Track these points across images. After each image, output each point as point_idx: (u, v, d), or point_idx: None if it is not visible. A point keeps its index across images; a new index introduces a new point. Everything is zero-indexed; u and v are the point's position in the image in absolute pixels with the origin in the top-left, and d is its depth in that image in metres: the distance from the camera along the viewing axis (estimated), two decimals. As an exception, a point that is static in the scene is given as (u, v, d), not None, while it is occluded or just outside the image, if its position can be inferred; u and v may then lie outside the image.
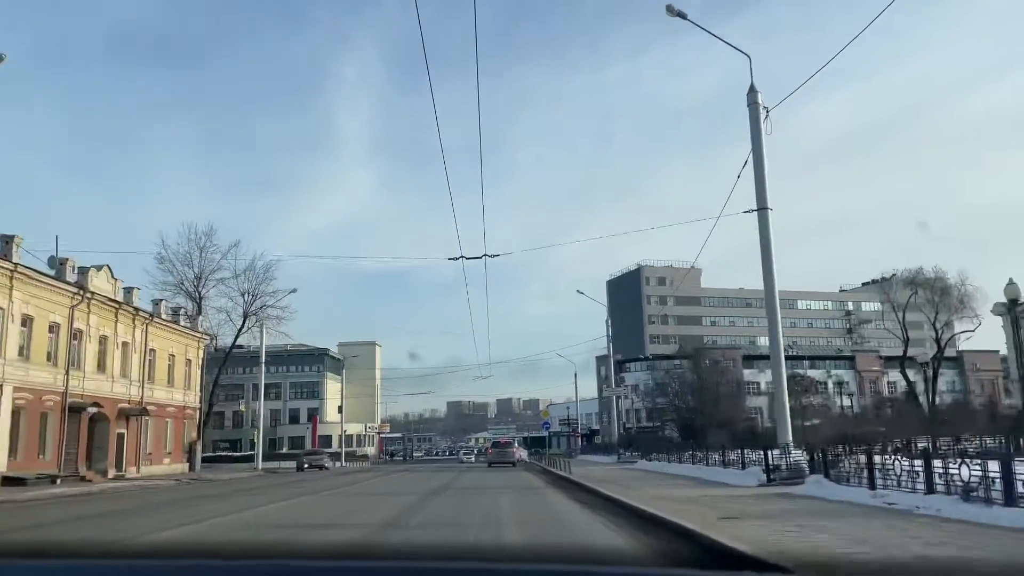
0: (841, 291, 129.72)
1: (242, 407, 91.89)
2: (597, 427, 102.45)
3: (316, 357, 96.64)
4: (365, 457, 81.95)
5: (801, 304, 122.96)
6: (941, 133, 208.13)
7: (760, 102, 22.26)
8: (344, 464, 69.32)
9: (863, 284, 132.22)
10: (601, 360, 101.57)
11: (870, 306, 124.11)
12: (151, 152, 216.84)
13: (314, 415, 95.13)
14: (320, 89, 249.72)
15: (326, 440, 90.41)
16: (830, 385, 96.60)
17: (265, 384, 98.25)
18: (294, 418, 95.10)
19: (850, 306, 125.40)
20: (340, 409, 78.23)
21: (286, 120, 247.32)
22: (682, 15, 22.08)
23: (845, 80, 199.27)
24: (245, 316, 63.34)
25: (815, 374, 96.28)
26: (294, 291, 63.78)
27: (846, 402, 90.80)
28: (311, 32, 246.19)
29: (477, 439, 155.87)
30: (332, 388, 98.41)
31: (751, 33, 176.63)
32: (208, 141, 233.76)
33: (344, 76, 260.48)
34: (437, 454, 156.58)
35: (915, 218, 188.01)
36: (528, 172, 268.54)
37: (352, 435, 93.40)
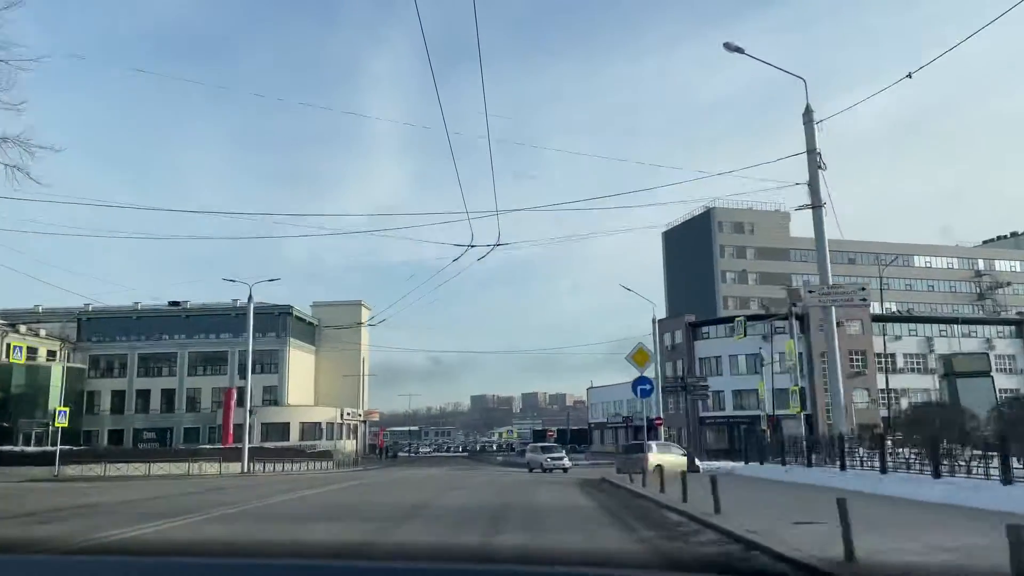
0: (975, 246, 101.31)
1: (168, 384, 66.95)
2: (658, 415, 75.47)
3: (275, 319, 70.98)
4: (327, 455, 56.04)
5: (919, 261, 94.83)
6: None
7: (814, 119, 22.19)
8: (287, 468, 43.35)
9: (996, 238, 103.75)
10: (665, 325, 74.79)
11: (1007, 265, 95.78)
12: (184, 146, 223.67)
13: (271, 394, 69.60)
14: (352, 84, 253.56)
15: (281, 430, 64.76)
16: (994, 361, 68.62)
17: (196, 353, 73.30)
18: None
19: (980, 264, 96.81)
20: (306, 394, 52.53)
21: (317, 115, 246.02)
22: (739, 50, 22.49)
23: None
24: None
25: (942, 344, 68.38)
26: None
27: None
28: (344, 27, 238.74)
29: (500, 433, 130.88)
30: (297, 360, 72.68)
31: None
32: (241, 135, 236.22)
33: (375, 70, 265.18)
34: (448, 449, 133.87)
35: None
36: (559, 165, 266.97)
37: (320, 423, 67.62)
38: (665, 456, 30.07)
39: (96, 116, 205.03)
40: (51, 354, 66.79)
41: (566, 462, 39.39)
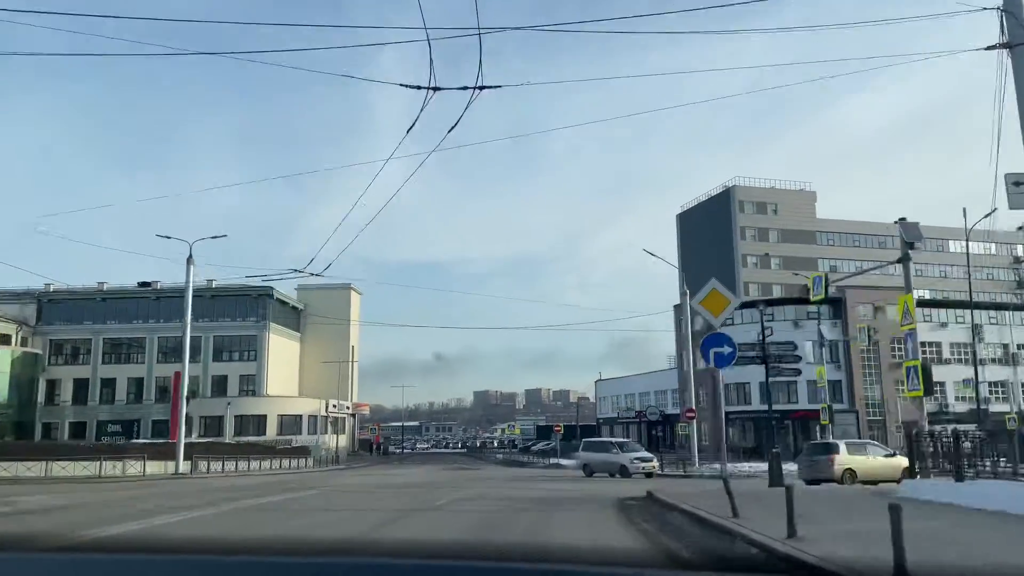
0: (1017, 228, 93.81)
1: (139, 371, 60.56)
2: (674, 410, 68.96)
3: (254, 301, 64.50)
4: (303, 451, 49.52)
5: (954, 246, 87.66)
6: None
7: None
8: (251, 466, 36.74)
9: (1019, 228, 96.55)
10: (685, 310, 68.04)
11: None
12: (191, 142, 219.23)
13: (248, 384, 63.16)
14: (358, 81, 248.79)
15: (257, 423, 58.32)
16: (1048, 350, 61.85)
17: (167, 338, 66.80)
18: (220, 388, 63.18)
19: (1020, 251, 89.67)
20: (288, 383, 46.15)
21: (323, 109, 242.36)
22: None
23: None
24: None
25: (992, 332, 61.52)
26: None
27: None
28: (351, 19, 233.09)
29: (502, 429, 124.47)
30: (279, 348, 66.19)
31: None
32: (247, 131, 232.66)
33: (381, 63, 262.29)
34: (447, 445, 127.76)
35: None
36: (567, 160, 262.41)
37: (301, 416, 61.13)
38: (859, 459, 22.95)
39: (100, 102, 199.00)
40: (4, 338, 60.38)
41: (655, 463, 30.26)
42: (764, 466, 31.99)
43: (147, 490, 20.67)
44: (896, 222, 18.10)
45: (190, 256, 31.37)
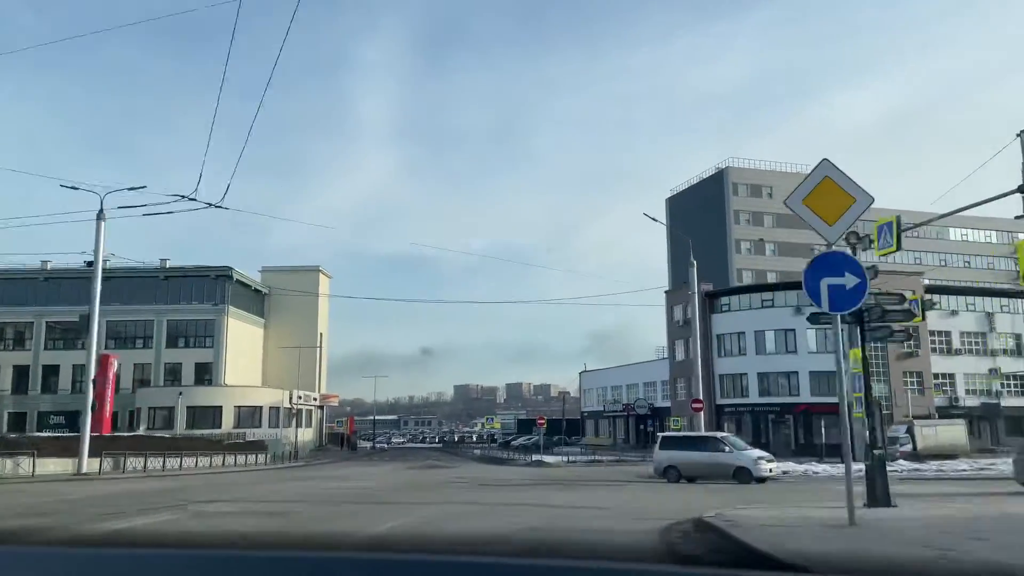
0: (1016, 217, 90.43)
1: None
2: (664, 403, 64.69)
3: (212, 283, 59.35)
4: (259, 446, 44.64)
5: (955, 234, 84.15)
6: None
7: None
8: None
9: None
10: (674, 297, 63.77)
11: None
12: (175, 130, 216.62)
13: (205, 372, 58.09)
14: (343, 72, 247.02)
15: (212, 415, 53.33)
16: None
17: (116, 322, 61.52)
18: (174, 376, 58.09)
19: (1022, 238, 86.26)
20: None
21: (308, 102, 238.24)
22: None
23: None
24: None
25: (1004, 321, 57.61)
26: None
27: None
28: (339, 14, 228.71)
29: (481, 423, 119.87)
30: (239, 334, 61.11)
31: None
32: (230, 121, 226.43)
33: (368, 59, 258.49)
34: (424, 440, 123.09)
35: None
36: (551, 156, 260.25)
37: (261, 407, 56.15)
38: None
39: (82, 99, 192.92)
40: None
41: (775, 465, 24.54)
42: (790, 465, 27.77)
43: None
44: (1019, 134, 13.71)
45: (100, 211, 26.32)
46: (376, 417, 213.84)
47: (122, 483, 21.99)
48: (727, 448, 23.87)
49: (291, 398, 58.39)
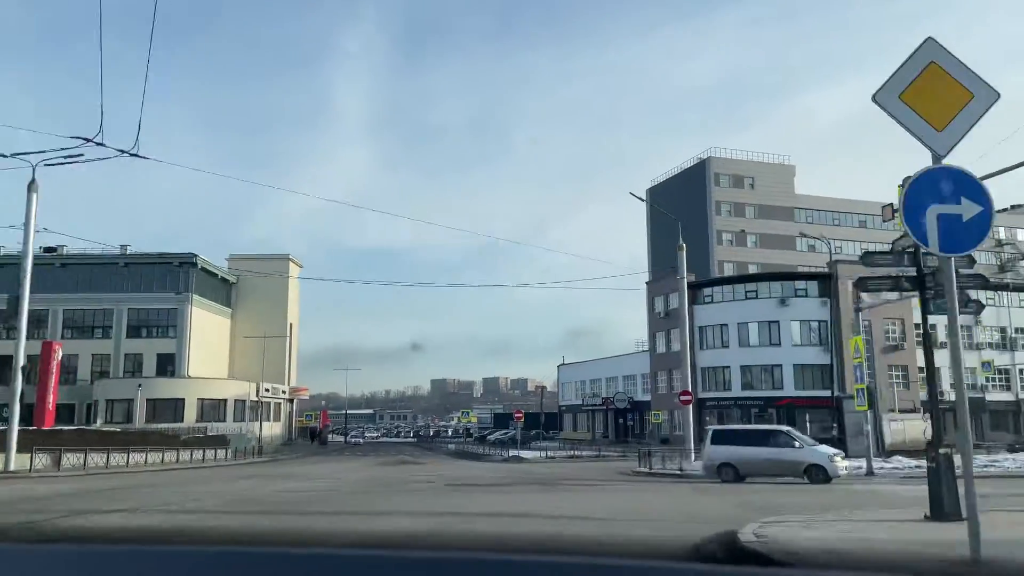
0: (999, 210, 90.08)
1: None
2: (644, 397, 63.13)
3: (175, 270, 56.79)
4: (221, 441, 42.37)
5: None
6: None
7: None
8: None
9: (1011, 207, 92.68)
10: (655, 288, 62.19)
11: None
12: (148, 123, 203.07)
13: (168, 364, 55.57)
14: (322, 64, 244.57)
15: (174, 408, 50.96)
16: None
17: (73, 311, 58.85)
18: (135, 368, 55.51)
19: (1002, 233, 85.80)
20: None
21: (286, 95, 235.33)
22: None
23: None
24: None
25: (990, 315, 56.60)
26: None
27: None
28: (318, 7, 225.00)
29: (457, 417, 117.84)
30: (204, 324, 58.62)
31: None
32: (206, 114, 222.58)
33: (348, 50, 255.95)
34: (399, 434, 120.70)
35: None
36: (529, 150, 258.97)
37: (225, 400, 53.83)
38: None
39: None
40: None
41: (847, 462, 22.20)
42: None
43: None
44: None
45: (32, 181, 23.95)
46: (351, 411, 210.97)
47: (40, 484, 19.80)
48: (797, 443, 21.34)
49: (258, 391, 56.10)
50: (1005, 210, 67.65)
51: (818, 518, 9.49)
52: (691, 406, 27.52)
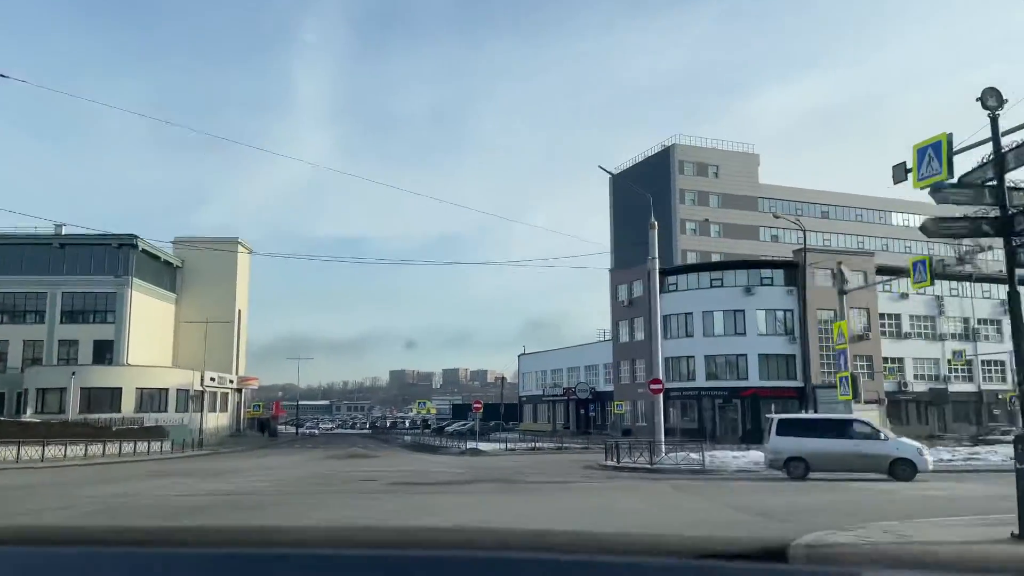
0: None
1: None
2: (607, 387, 61.69)
3: (114, 252, 53.58)
4: (159, 433, 39.70)
5: (897, 219, 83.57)
6: None
7: None
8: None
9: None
10: (620, 276, 60.71)
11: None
12: (100, 110, 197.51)
13: (106, 351, 52.44)
14: (280, 51, 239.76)
15: (111, 397, 47.97)
16: (1008, 326, 56.89)
17: (3, 295, 55.27)
18: (71, 355, 52.23)
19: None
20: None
21: (243, 82, 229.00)
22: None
23: None
24: None
25: (953, 305, 56.26)
26: None
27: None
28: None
29: (414, 407, 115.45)
30: (145, 309, 55.50)
31: None
32: (160, 100, 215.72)
33: (306, 39, 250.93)
34: (355, 426, 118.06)
35: None
36: (495, 141, 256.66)
37: (167, 389, 50.92)
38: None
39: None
40: None
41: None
42: (752, 455, 24.36)
43: None
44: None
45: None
46: (308, 403, 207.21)
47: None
48: (881, 434, 19.22)
49: (202, 380, 53.23)
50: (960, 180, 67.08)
51: (865, 530, 7.69)
52: (660, 396, 25.75)
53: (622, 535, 1.40)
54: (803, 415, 28.39)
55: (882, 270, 55.06)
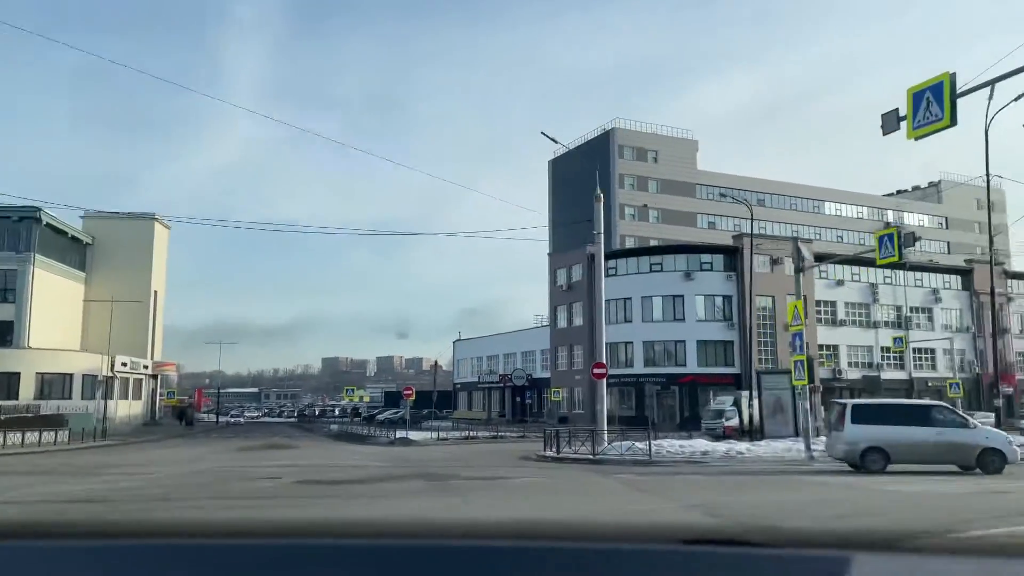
0: (886, 195, 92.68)
1: None
2: (543, 374, 60.28)
3: (14, 226, 49.36)
4: (58, 421, 36.38)
5: (830, 208, 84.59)
6: None
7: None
8: None
9: (910, 189, 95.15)
10: (559, 260, 59.22)
11: (915, 218, 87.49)
12: (16, 85, 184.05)
13: (5, 333, 48.34)
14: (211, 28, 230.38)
15: (8, 382, 44.13)
16: (938, 314, 58.02)
17: None
18: (-39, 339, 47.91)
19: (890, 216, 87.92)
20: None
21: (170, 58, 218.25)
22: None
23: None
24: None
25: (887, 293, 56.66)
26: None
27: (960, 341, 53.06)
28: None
29: (345, 395, 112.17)
30: (50, 288, 51.42)
31: None
32: (82, 74, 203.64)
33: (239, 17, 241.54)
34: (282, 414, 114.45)
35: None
36: (432, 125, 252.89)
37: (72, 375, 47.22)
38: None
39: None
40: None
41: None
42: (696, 443, 23.07)
43: None
44: None
45: None
46: (236, 390, 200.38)
47: None
48: (969, 422, 17.25)
49: (112, 364, 49.57)
50: (904, 191, 68.05)
51: None
52: (603, 381, 24.18)
53: None
54: (880, 400, 25.89)
55: (818, 257, 54.99)
